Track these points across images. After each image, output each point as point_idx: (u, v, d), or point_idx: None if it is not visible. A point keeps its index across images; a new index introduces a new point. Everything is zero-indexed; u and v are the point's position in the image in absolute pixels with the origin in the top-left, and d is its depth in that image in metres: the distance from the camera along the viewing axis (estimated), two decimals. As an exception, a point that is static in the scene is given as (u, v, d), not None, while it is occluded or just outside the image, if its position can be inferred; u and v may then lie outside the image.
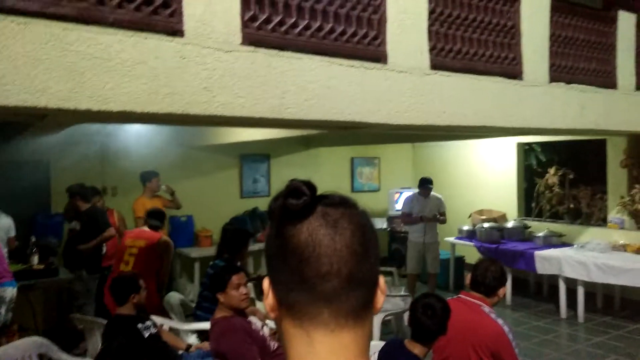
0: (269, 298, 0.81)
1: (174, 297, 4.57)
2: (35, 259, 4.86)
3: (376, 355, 2.58)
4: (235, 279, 3.08)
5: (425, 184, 6.64)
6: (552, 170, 7.25)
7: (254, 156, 8.05)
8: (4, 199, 5.09)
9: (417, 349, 2.40)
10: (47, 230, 5.68)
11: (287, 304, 0.78)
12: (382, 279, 0.82)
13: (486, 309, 2.69)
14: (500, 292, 2.80)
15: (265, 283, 0.82)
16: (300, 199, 0.77)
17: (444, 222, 6.71)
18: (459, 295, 2.86)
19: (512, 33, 4.37)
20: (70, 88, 2.46)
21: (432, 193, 6.71)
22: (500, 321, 2.63)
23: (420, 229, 6.54)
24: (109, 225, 5.10)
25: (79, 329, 3.74)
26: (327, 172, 8.75)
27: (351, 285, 0.76)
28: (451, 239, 7.56)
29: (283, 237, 0.78)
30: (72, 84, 2.46)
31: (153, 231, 4.79)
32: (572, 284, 6.01)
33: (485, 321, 2.64)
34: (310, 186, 0.79)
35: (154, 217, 4.83)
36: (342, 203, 0.81)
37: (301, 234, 0.76)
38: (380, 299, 0.81)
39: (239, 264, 4.09)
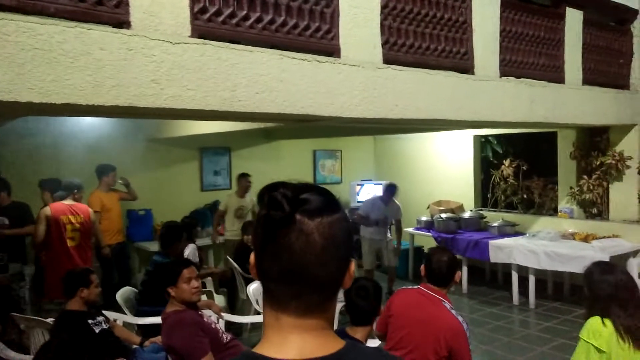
0: (254, 270, 0.95)
1: (128, 291, 4.51)
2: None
3: None
4: (186, 272, 3.07)
5: (390, 192, 6.65)
6: (507, 162, 7.46)
7: (215, 149, 7.99)
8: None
9: (358, 333, 2.48)
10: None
11: (265, 288, 0.93)
12: (352, 265, 0.96)
13: (447, 305, 2.76)
14: (456, 277, 2.91)
15: (252, 257, 0.95)
16: (278, 212, 0.88)
17: (398, 230, 6.78)
18: (419, 287, 2.90)
19: (463, 28, 4.47)
20: (9, 80, 2.39)
21: (393, 200, 6.76)
22: (460, 318, 2.72)
23: (379, 230, 6.66)
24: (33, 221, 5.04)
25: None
26: (289, 165, 8.77)
27: (316, 286, 0.90)
28: (410, 229, 7.71)
29: (266, 236, 0.90)
30: (10, 76, 2.40)
31: (78, 203, 5.03)
32: (524, 272, 6.23)
33: (446, 317, 2.70)
34: (289, 197, 0.89)
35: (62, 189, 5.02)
36: (319, 210, 0.89)
37: (280, 239, 0.88)
38: (348, 281, 0.95)
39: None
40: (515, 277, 6.31)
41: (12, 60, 2.40)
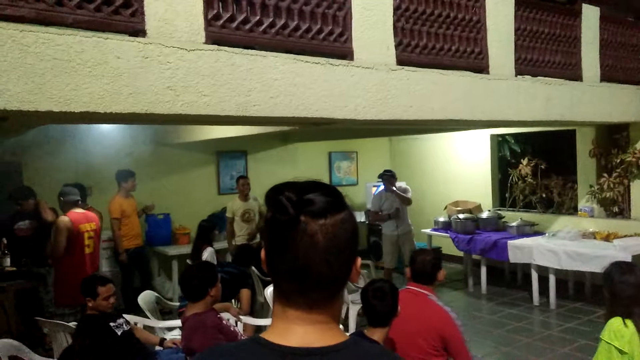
0: (264, 265, 1.00)
1: (149, 295, 4.58)
2: (7, 261, 4.82)
3: None
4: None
5: (386, 179, 6.53)
6: (524, 161, 7.38)
7: (231, 153, 8.06)
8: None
9: (376, 334, 2.50)
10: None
11: (275, 282, 0.98)
12: (358, 260, 1.00)
13: (433, 297, 2.92)
14: (439, 275, 3.05)
15: (263, 253, 1.00)
16: (284, 215, 0.92)
17: (406, 200, 6.62)
18: (407, 287, 3.04)
19: (477, 27, 4.44)
20: (29, 90, 2.46)
21: (398, 184, 6.69)
22: (447, 308, 2.89)
23: (392, 222, 6.60)
24: None
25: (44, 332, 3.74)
26: (305, 167, 8.80)
27: (321, 283, 0.94)
28: (427, 230, 7.67)
29: (273, 237, 0.95)
30: (31, 86, 2.46)
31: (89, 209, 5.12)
32: (544, 272, 6.15)
33: (433, 308, 2.86)
34: (294, 200, 0.93)
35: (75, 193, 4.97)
36: (323, 211, 0.93)
37: (285, 240, 0.93)
38: (355, 276, 0.99)
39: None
40: (535, 277, 6.23)
41: (32, 71, 2.47)
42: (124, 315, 3.62)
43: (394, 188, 6.46)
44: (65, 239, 4.62)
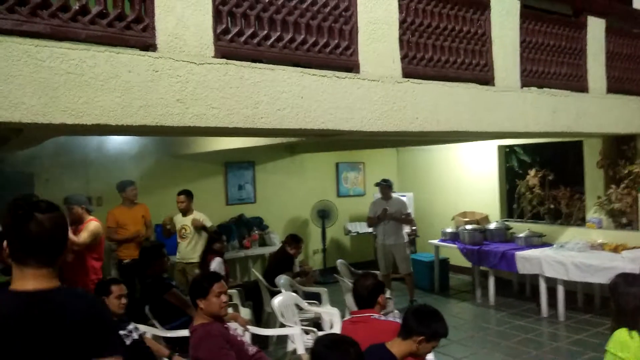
0: (6, 251, 1.53)
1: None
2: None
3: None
4: (216, 286, 3.15)
5: (381, 188, 6.75)
6: (532, 172, 7.38)
7: (239, 163, 8.12)
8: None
9: (394, 347, 2.56)
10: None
11: (14, 257, 1.51)
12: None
13: (375, 315, 2.98)
14: (380, 299, 3.14)
15: (5, 243, 1.52)
16: (19, 212, 1.49)
17: (409, 223, 6.81)
18: (350, 317, 3.16)
19: (483, 40, 4.48)
20: (44, 103, 2.53)
21: (395, 195, 6.87)
22: (393, 319, 2.97)
23: (381, 232, 6.72)
24: None
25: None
26: (313, 178, 8.85)
27: (46, 251, 1.50)
28: (435, 241, 7.66)
29: (15, 226, 1.49)
30: (45, 99, 2.53)
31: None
32: (553, 283, 6.12)
33: (379, 325, 2.91)
34: (26, 203, 1.52)
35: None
36: (47, 209, 1.53)
37: (24, 227, 1.49)
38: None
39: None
40: (543, 288, 6.20)
41: (46, 85, 2.54)
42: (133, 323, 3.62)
43: (392, 213, 6.63)
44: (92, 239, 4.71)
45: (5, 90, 2.43)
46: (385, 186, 6.76)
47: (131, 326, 3.44)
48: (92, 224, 4.77)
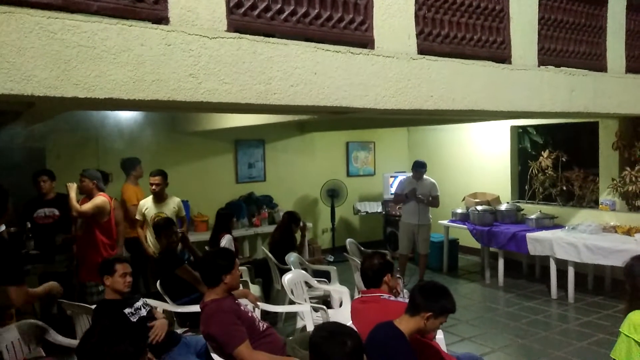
0: None
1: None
2: (31, 244, 4.93)
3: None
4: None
5: (417, 167, 6.81)
6: (545, 153, 7.28)
7: (249, 141, 8.10)
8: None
9: (402, 324, 2.56)
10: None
11: None
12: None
13: (385, 295, 2.99)
14: (386, 279, 3.14)
15: None
16: None
17: (435, 205, 6.80)
18: (360, 296, 3.15)
19: (500, 17, 4.37)
20: (55, 76, 2.50)
21: (426, 177, 6.84)
22: (401, 299, 2.96)
23: (414, 212, 6.68)
24: None
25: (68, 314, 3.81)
26: (323, 157, 8.81)
27: None
28: (445, 221, 7.64)
29: None
30: (57, 72, 2.50)
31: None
32: (563, 265, 6.09)
33: (389, 304, 2.90)
34: None
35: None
36: None
37: None
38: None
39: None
40: (553, 270, 6.17)
41: (58, 57, 2.50)
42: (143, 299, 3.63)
43: (421, 197, 6.65)
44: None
45: (17, 62, 2.40)
46: (421, 167, 6.80)
47: (139, 302, 3.43)
48: (99, 198, 4.85)
